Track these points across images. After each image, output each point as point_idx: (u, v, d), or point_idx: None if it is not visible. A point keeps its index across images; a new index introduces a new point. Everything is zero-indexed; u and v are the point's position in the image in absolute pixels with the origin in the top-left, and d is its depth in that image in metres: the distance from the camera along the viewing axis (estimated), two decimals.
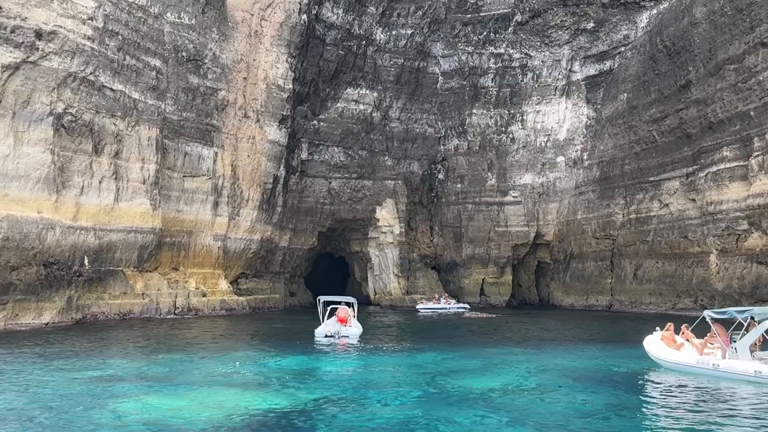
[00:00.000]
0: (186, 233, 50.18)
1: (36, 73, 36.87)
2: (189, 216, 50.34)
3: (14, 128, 36.26)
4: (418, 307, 61.44)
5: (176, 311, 46.76)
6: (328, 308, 35.63)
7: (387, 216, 70.17)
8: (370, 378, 20.44)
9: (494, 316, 53.12)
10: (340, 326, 32.27)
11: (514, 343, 31.37)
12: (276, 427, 14.00)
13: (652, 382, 19.63)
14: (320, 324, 33.80)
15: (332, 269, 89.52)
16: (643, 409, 16.07)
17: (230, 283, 55.64)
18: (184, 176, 49.72)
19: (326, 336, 31.72)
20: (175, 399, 16.52)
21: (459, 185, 72.49)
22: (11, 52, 35.46)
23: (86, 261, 40.63)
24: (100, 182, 41.77)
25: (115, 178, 42.84)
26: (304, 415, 15.04)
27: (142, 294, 44.68)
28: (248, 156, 55.37)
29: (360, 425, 14.09)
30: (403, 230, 70.59)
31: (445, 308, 60.08)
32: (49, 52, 37.39)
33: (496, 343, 31.47)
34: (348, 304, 35.58)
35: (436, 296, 64.82)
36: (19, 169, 36.53)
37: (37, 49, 36.72)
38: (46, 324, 36.13)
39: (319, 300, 36.36)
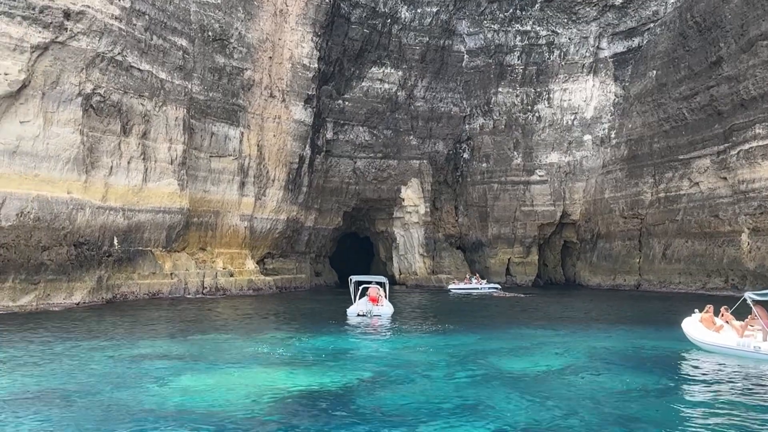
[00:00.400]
0: (213, 213, 50.31)
1: (65, 54, 36.91)
2: (216, 196, 50.43)
3: (44, 109, 36.38)
4: (450, 287, 61.44)
5: (204, 291, 47.03)
6: (360, 288, 35.74)
7: (412, 195, 69.94)
8: (405, 358, 20.37)
9: (524, 295, 52.96)
10: (372, 306, 32.59)
11: (546, 323, 31.19)
12: (315, 406, 13.97)
13: (691, 364, 19.39)
14: (352, 304, 34.07)
15: (356, 249, 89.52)
16: (683, 392, 15.87)
17: (257, 263, 55.80)
18: (210, 156, 49.75)
19: (358, 315, 31.97)
20: (211, 378, 16.55)
21: (484, 164, 72.03)
22: (40, 32, 35.50)
23: (116, 241, 40.93)
24: (128, 162, 41.91)
25: (143, 159, 42.93)
26: (342, 395, 15.00)
27: (171, 274, 44.94)
28: (274, 136, 55.30)
29: (399, 405, 14.03)
30: (429, 210, 70.35)
31: (477, 288, 59.92)
32: (78, 33, 37.41)
33: (528, 323, 31.30)
34: (379, 284, 35.77)
35: (468, 276, 64.64)
36: (49, 149, 36.71)
37: (66, 29, 36.74)
38: (77, 304, 36.53)
39: (350, 280, 36.74)
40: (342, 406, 13.99)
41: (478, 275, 64.74)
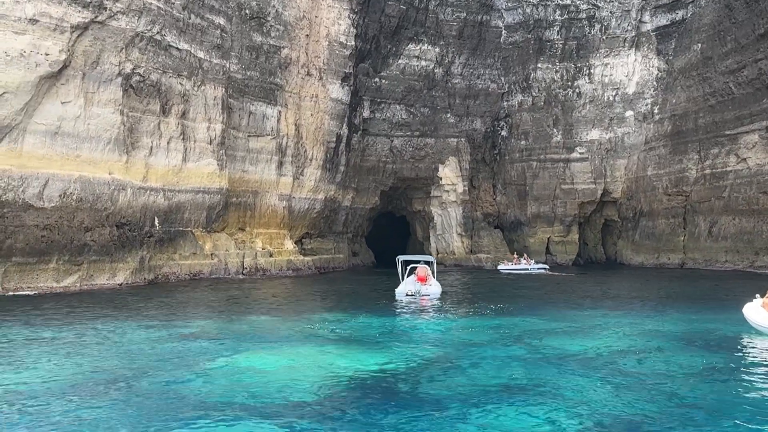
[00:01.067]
0: (252, 193, 50.35)
1: (104, 33, 36.89)
2: (254, 176, 50.45)
3: (84, 89, 36.44)
4: (499, 267, 61.16)
5: (244, 271, 47.18)
6: (408, 268, 35.65)
7: (450, 174, 69.51)
8: (457, 338, 20.11)
9: (575, 275, 52.79)
10: (420, 285, 32.62)
11: (597, 303, 30.73)
12: (376, 388, 13.72)
13: (754, 348, 18.79)
14: (400, 283, 34.04)
15: (392, 229, 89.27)
16: (748, 375, 15.31)
17: (295, 244, 55.79)
18: (248, 136, 49.73)
19: (407, 295, 32.02)
20: (267, 358, 16.38)
21: (523, 142, 71.31)
22: (80, 12, 35.46)
23: (156, 222, 41.15)
24: (168, 143, 41.99)
25: (183, 139, 43.00)
26: (403, 376, 14.74)
27: (211, 254, 45.10)
28: (311, 115, 55.10)
29: (461, 386, 13.74)
30: (466, 188, 69.89)
31: (527, 269, 59.53)
32: (117, 12, 37.34)
33: (577, 303, 30.85)
34: (427, 263, 35.81)
35: (516, 256, 64.12)
36: (90, 130, 36.84)
37: (105, 8, 36.68)
38: (120, 285, 36.87)
39: (398, 259, 36.66)
40: (409, 388, 13.70)
41: (526, 255, 64.13)
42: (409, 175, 69.27)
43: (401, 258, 36.72)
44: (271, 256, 50.18)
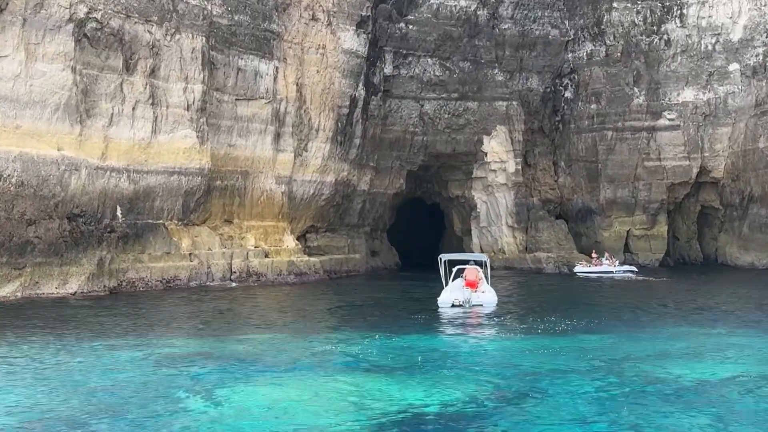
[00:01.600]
0: (241, 174, 50.25)
1: None
2: (244, 152, 50.32)
3: (25, 39, 36.49)
4: (576, 270, 60.97)
5: (232, 276, 47.13)
6: (453, 270, 35.70)
7: (498, 148, 69.00)
8: (523, 363, 19.86)
9: (664, 279, 52.56)
10: (470, 292, 32.89)
11: (698, 316, 30.38)
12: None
13: None
14: (443, 290, 34.22)
15: (422, 221, 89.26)
16: None
17: (296, 240, 55.67)
18: (236, 100, 49.58)
19: (453, 305, 32.28)
20: (269, 394, 16.23)
21: (594, 105, 70.63)
22: None
23: (119, 212, 41.29)
24: (133, 109, 42.09)
25: (152, 104, 43.04)
26: (452, 419, 14.46)
27: (190, 254, 45.08)
28: (317, 72, 54.87)
29: (522, 429, 13.52)
30: (519, 167, 69.31)
31: (611, 271, 59.24)
32: None
33: (673, 316, 30.56)
34: (478, 264, 35.98)
35: (595, 255, 63.60)
36: (33, 92, 36.92)
37: None
38: (74, 294, 36.95)
39: (440, 259, 36.84)
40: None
41: (609, 254, 63.61)
42: (444, 150, 68.87)
43: (444, 257, 36.82)
44: (266, 256, 50.09)
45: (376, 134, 63.86)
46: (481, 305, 32.62)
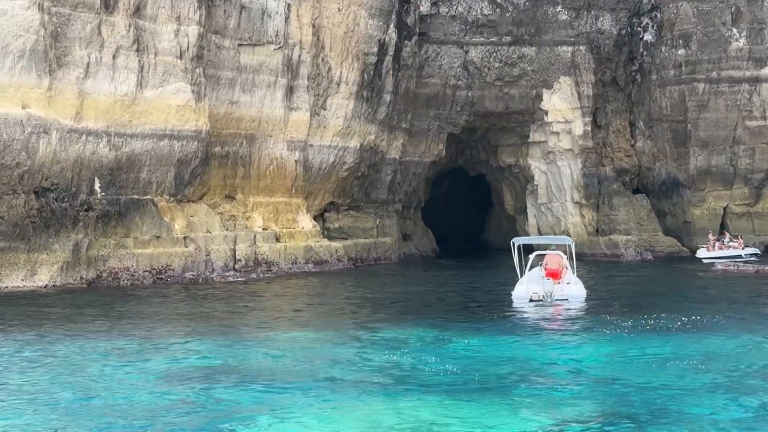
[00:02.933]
0: (245, 139, 50.16)
1: None
2: (249, 110, 50.22)
3: None
4: (699, 254, 61.05)
5: (237, 265, 47.04)
6: (531, 257, 36.01)
7: (561, 105, 68.25)
8: (646, 375, 19.42)
9: None
10: (551, 284, 32.83)
11: None
12: None
13: None
14: (518, 281, 34.51)
15: (461, 197, 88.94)
16: None
17: (313, 219, 55.51)
18: (240, 45, 49.53)
19: (531, 300, 32.56)
20: (331, 417, 15.89)
21: (682, 51, 69.64)
22: None
23: (97, 185, 41.33)
24: (113, 57, 41.94)
25: (137, 50, 42.88)
26: None
27: (184, 238, 45.00)
28: (338, 10, 54.68)
29: None
30: (589, 128, 68.65)
31: (739, 255, 59.13)
32: None
33: None
34: (561, 249, 36.79)
35: (713, 237, 63.05)
36: None
37: None
38: (44, 287, 37.00)
39: (513, 243, 36.69)
40: None
41: (732, 236, 63.13)
42: (493, 108, 68.31)
43: (518, 241, 36.88)
44: (278, 240, 50.01)
45: (410, 89, 63.36)
46: (566, 300, 32.66)
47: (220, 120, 47.89)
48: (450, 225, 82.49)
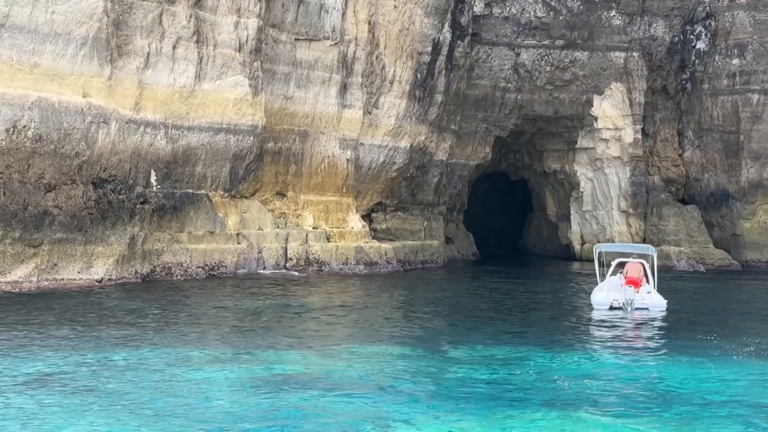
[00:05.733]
0: (299, 135, 49.79)
1: None
2: (303, 107, 49.80)
3: None
4: None
5: (288, 264, 46.81)
6: (613, 264, 35.98)
7: (611, 112, 67.59)
8: (746, 396, 18.67)
9: None
10: (632, 292, 33.07)
11: None
12: None
13: None
14: (595, 287, 35.46)
15: (497, 201, 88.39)
16: None
17: (362, 219, 55.06)
18: (296, 40, 49.03)
19: (612, 308, 33.11)
20: None
21: (736, 61, 68.93)
22: None
23: (153, 178, 40.92)
24: (173, 48, 41.44)
25: (197, 42, 42.37)
26: None
27: (237, 235, 44.66)
28: (395, 7, 54.18)
29: None
30: (639, 137, 67.89)
31: None
32: None
33: None
34: (643, 258, 36.29)
35: None
36: (56, 22, 36.25)
37: None
38: (100, 281, 36.61)
39: (595, 250, 37.89)
40: None
41: None
42: (542, 113, 67.73)
43: (601, 248, 37.68)
44: (328, 239, 49.50)
45: (460, 90, 62.69)
46: (647, 309, 32.95)
47: (274, 115, 47.47)
48: (486, 229, 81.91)
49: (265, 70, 46.32)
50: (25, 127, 34.71)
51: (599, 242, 68.21)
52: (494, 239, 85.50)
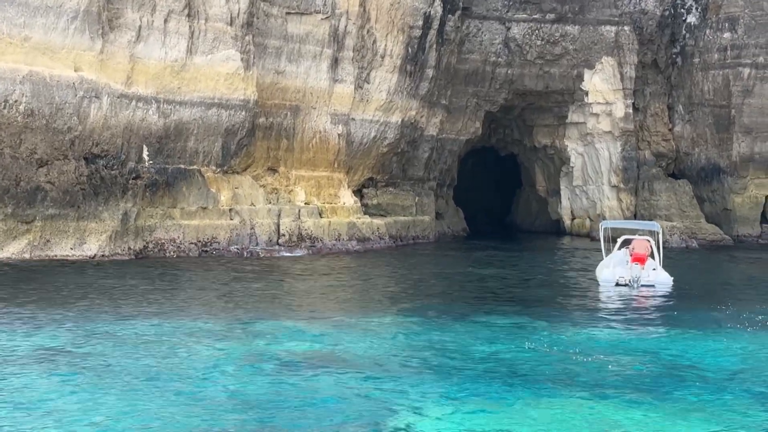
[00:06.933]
0: (290, 110, 49.37)
1: None
2: (295, 81, 49.38)
3: None
4: None
5: (280, 240, 46.44)
6: (619, 241, 36.09)
7: (602, 86, 67.19)
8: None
9: None
10: (639, 269, 33.08)
11: None
12: None
13: None
14: (600, 263, 35.74)
15: (485, 176, 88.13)
16: None
17: (353, 195, 54.82)
18: (287, 14, 48.55)
19: (617, 284, 33.07)
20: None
21: (727, 34, 68.57)
22: None
23: (145, 153, 40.80)
24: (165, 21, 41.18)
25: (188, 15, 42.05)
26: None
27: (230, 210, 44.35)
28: None
29: None
30: (630, 111, 67.59)
31: None
32: None
33: None
34: (649, 234, 36.91)
35: None
36: None
37: None
38: (93, 256, 36.61)
39: (601, 227, 38.30)
40: None
41: None
42: (533, 87, 67.38)
43: (607, 225, 38.08)
44: (321, 215, 49.24)
45: (451, 64, 62.38)
46: (653, 286, 32.85)
47: (265, 90, 47.08)
48: (474, 205, 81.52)
49: (256, 44, 45.94)
50: (16, 101, 34.69)
51: (589, 218, 68.90)
52: (482, 215, 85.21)
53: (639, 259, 33.33)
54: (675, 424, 14.28)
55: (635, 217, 67.39)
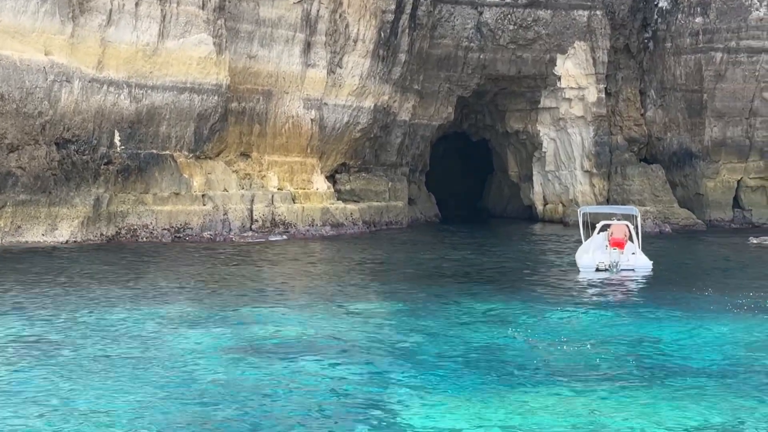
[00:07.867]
0: (263, 95, 49.62)
1: None
2: (267, 66, 49.62)
3: None
4: None
5: (253, 225, 46.62)
6: (598, 227, 36.07)
7: (575, 71, 67.10)
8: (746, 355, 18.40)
9: None
10: (618, 254, 33.19)
11: None
12: None
13: None
14: (579, 249, 35.42)
15: (456, 161, 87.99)
16: None
17: (326, 180, 54.77)
18: None
19: (597, 270, 33.00)
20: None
21: (699, 19, 68.61)
22: None
23: (117, 138, 40.79)
24: (136, 5, 41.25)
25: (160, 0, 41.88)
26: None
27: (203, 196, 44.42)
28: None
29: None
30: (603, 96, 67.57)
31: None
32: None
33: None
34: (626, 219, 36.66)
35: None
36: None
37: None
38: (65, 242, 36.77)
39: (580, 212, 38.51)
40: None
41: None
42: (505, 72, 67.15)
43: (586, 210, 38.25)
44: (294, 201, 49.22)
45: (423, 49, 62.24)
46: (632, 270, 32.92)
47: (237, 74, 47.24)
48: (445, 190, 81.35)
49: (228, 28, 46.02)
50: None
51: (561, 203, 68.91)
52: (454, 200, 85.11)
53: (618, 244, 33.37)
54: (657, 409, 14.11)
55: (608, 202, 67.43)
